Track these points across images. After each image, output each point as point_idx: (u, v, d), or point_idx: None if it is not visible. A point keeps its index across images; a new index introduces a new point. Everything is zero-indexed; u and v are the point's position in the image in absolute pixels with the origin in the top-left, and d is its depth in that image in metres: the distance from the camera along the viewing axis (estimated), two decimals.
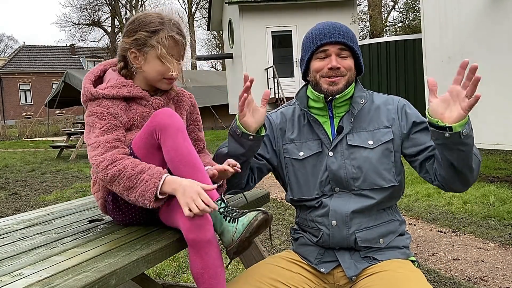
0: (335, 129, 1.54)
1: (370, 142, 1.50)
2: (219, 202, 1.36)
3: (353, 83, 1.56)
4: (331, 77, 1.49)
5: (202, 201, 1.23)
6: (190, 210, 1.23)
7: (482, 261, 2.99)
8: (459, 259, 3.05)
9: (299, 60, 1.62)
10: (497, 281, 2.66)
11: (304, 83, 1.66)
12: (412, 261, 1.51)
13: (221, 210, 1.34)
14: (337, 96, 1.50)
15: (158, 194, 1.30)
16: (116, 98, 1.44)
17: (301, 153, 1.56)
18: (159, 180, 1.30)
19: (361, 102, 1.53)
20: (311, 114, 1.56)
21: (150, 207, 1.31)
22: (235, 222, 1.31)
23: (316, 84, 1.53)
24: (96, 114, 1.41)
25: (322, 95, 1.51)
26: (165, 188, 1.30)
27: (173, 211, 1.34)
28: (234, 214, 1.33)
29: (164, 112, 1.37)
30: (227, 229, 1.32)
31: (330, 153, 1.52)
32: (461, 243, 3.36)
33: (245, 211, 1.34)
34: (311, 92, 1.57)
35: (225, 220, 1.32)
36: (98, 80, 1.52)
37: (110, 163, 1.33)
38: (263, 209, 1.33)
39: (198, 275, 1.30)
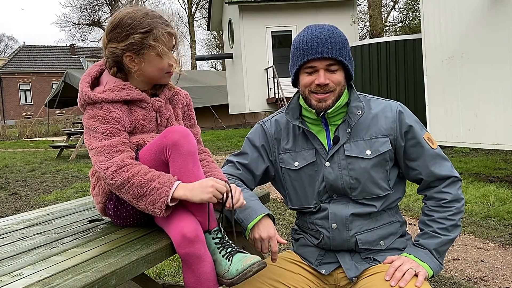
0: (331, 139, 1.51)
1: (368, 152, 1.47)
2: (216, 232, 1.35)
3: (345, 91, 1.51)
4: (319, 93, 1.44)
5: (220, 189, 1.29)
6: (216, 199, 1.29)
7: (482, 261, 2.99)
8: (459, 259, 3.04)
9: (289, 66, 1.55)
10: (497, 281, 2.66)
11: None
12: None
13: (217, 240, 1.34)
14: (328, 111, 1.47)
15: (169, 202, 1.28)
16: (116, 101, 1.39)
17: (296, 163, 1.54)
18: (170, 188, 1.27)
19: (358, 114, 1.48)
20: (305, 124, 1.53)
21: (160, 215, 1.29)
22: (229, 260, 1.29)
23: (305, 98, 1.50)
24: (98, 117, 1.36)
25: (314, 110, 1.48)
26: (176, 194, 1.28)
27: (168, 223, 1.34)
28: (229, 249, 1.32)
29: (179, 131, 1.33)
30: (219, 262, 1.31)
31: (327, 164, 1.49)
32: (461, 243, 3.36)
33: (241, 250, 1.34)
34: (303, 102, 1.53)
35: (219, 252, 1.32)
36: (94, 81, 1.47)
37: (118, 168, 1.29)
38: (258, 258, 1.29)
39: None
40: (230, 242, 1.36)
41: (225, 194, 1.33)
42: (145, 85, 1.48)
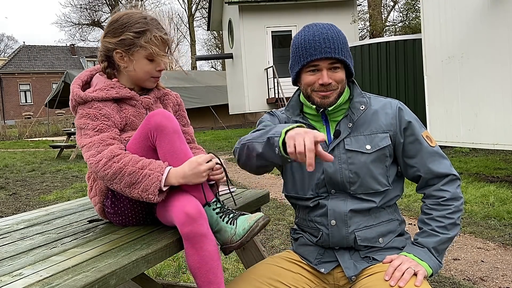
0: (332, 133, 1.53)
1: (368, 147, 1.48)
2: (215, 202, 1.37)
3: (347, 89, 1.53)
4: (322, 91, 1.46)
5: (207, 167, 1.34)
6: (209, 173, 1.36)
7: (482, 261, 2.99)
8: (459, 259, 3.05)
9: (289, 65, 1.57)
10: (496, 281, 2.66)
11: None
12: None
13: (217, 210, 1.35)
14: (329, 108, 1.48)
15: (162, 187, 1.30)
16: (106, 100, 1.44)
17: None
18: (162, 174, 1.30)
19: (361, 109, 1.50)
20: (307, 120, 1.55)
21: (155, 201, 1.31)
22: (233, 224, 1.32)
23: (308, 96, 1.51)
24: (88, 115, 1.41)
25: (314, 106, 1.50)
26: (169, 180, 1.31)
27: (168, 206, 1.35)
28: (232, 215, 1.35)
29: (160, 113, 1.36)
30: (224, 229, 1.33)
31: None
32: (461, 243, 3.36)
33: (243, 212, 1.37)
34: (304, 99, 1.55)
35: (222, 220, 1.34)
36: (86, 85, 1.52)
37: (109, 160, 1.33)
38: (261, 213, 1.34)
39: (195, 269, 1.30)
40: (231, 209, 1.39)
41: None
42: (132, 84, 1.53)
